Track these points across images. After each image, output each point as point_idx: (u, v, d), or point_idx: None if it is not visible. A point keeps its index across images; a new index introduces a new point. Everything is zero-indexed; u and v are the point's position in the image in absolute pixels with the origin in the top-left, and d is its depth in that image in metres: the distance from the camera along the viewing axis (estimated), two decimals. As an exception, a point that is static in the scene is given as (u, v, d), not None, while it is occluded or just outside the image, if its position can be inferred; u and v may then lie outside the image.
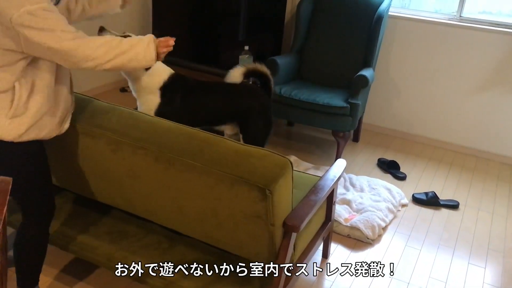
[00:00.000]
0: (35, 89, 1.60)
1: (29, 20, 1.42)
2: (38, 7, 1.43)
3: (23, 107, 1.58)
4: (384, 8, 3.57)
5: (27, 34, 1.44)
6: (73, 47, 1.49)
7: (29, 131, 1.62)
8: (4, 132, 1.58)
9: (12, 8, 1.41)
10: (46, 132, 1.68)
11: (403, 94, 4.08)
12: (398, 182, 3.41)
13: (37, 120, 1.63)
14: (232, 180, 1.61)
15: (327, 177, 2.15)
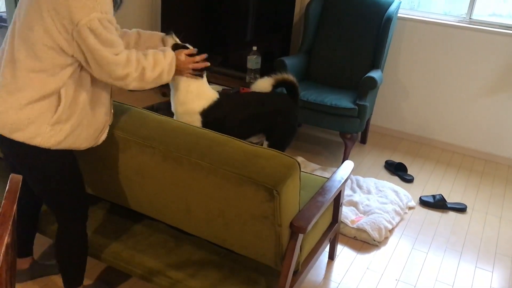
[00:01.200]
0: (79, 98, 1.60)
1: (95, 26, 1.45)
2: (105, 17, 1.48)
3: (66, 114, 1.58)
4: (393, 9, 3.56)
5: (88, 40, 1.46)
6: (118, 61, 1.55)
7: (68, 139, 1.62)
8: (44, 139, 1.57)
9: (83, 12, 1.43)
10: (82, 141, 1.67)
11: (411, 96, 4.06)
12: (406, 184, 3.40)
13: (75, 128, 1.62)
14: (240, 180, 1.61)
15: (334, 178, 2.14)
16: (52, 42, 1.49)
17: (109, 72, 1.55)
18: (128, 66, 1.59)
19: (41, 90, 1.53)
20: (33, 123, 1.55)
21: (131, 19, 4.59)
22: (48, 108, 1.56)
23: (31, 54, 1.51)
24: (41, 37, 1.49)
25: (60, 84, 1.55)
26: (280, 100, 2.51)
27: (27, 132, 1.55)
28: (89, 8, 1.44)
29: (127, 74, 1.59)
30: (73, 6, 1.43)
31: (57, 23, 1.46)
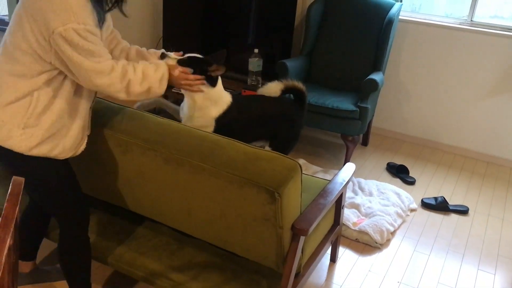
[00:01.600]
0: (55, 107, 1.59)
1: (71, 36, 1.44)
2: (83, 27, 1.46)
3: (36, 119, 1.57)
4: (395, 12, 3.56)
5: (63, 48, 1.46)
6: (99, 69, 1.53)
7: (40, 146, 1.59)
8: (15, 143, 1.56)
9: (58, 21, 1.43)
10: (59, 151, 1.65)
11: (413, 98, 4.06)
12: (407, 186, 3.40)
13: (48, 136, 1.60)
14: (241, 182, 1.61)
15: (336, 180, 2.14)
16: (28, 48, 1.49)
17: (89, 79, 1.54)
18: (111, 76, 1.57)
19: (15, 93, 1.54)
20: (5, 125, 1.55)
21: (132, 23, 4.60)
22: (19, 110, 1.55)
23: (10, 57, 1.53)
24: (19, 42, 1.50)
25: (34, 88, 1.54)
26: (287, 105, 2.51)
27: (1, 134, 1.56)
28: (64, 19, 1.43)
29: (110, 84, 1.58)
30: (48, 15, 1.43)
31: (35, 30, 1.47)
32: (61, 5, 1.43)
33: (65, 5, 1.43)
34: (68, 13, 1.43)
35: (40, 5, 1.44)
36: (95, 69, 1.52)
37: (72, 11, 1.44)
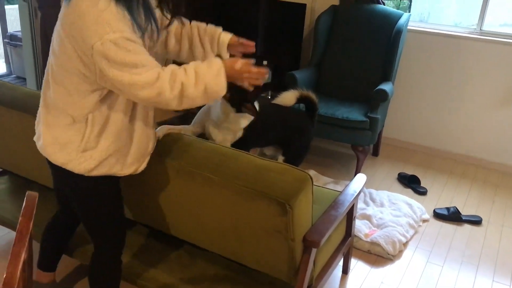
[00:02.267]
0: (112, 126, 1.56)
1: (109, 49, 1.36)
2: (120, 35, 1.37)
3: (94, 141, 1.55)
4: (403, 22, 3.57)
5: (102, 66, 1.39)
6: (140, 82, 1.41)
7: (100, 166, 1.58)
8: (74, 166, 1.56)
9: (95, 36, 1.36)
10: (118, 168, 1.63)
11: (423, 108, 4.05)
12: (419, 197, 3.37)
13: (107, 156, 1.58)
14: (252, 195, 1.61)
15: (347, 192, 2.14)
16: (74, 68, 1.45)
17: (134, 94, 1.43)
18: (158, 86, 1.42)
19: (69, 116, 1.52)
20: (65, 148, 1.55)
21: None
22: (76, 134, 1.54)
23: (58, 80, 1.51)
24: (64, 63, 1.47)
25: (87, 111, 1.51)
26: (299, 116, 2.54)
27: (61, 157, 1.56)
28: (100, 32, 1.36)
29: (159, 93, 1.43)
30: (85, 32, 1.38)
31: (77, 49, 1.42)
32: (95, 18, 1.36)
33: (99, 18, 1.36)
34: (103, 25, 1.36)
35: (76, 23, 1.39)
36: (136, 83, 1.40)
37: (106, 22, 1.36)
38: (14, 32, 5.81)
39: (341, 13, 3.87)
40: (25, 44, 3.80)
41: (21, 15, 3.71)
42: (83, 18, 1.37)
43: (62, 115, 1.54)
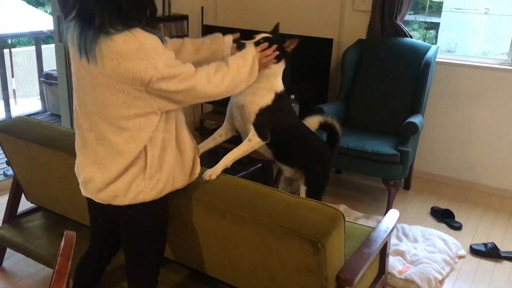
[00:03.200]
0: (166, 147, 1.62)
1: (166, 72, 1.48)
2: (165, 57, 1.49)
3: (157, 166, 1.61)
4: (431, 55, 3.55)
5: (165, 87, 1.50)
6: (199, 82, 1.58)
7: (167, 184, 1.65)
8: (146, 195, 1.61)
9: (150, 70, 1.45)
10: (177, 182, 1.70)
11: (454, 140, 3.97)
12: (454, 232, 3.26)
13: (170, 173, 1.65)
14: (283, 233, 1.60)
15: (379, 228, 2.09)
16: (133, 111, 1.52)
17: (197, 95, 1.60)
18: (214, 79, 1.62)
19: (131, 156, 1.57)
20: (132, 185, 1.59)
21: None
22: (139, 167, 1.59)
23: (116, 129, 1.55)
24: (121, 111, 1.52)
25: (146, 142, 1.57)
26: (321, 141, 2.50)
27: (130, 194, 1.60)
28: (152, 65, 1.45)
29: (217, 85, 1.64)
30: (138, 72, 1.45)
31: (131, 91, 1.49)
32: (140, 53, 1.44)
33: (144, 52, 1.44)
34: (151, 56, 1.45)
35: (124, 66, 1.44)
36: (195, 84, 1.57)
37: (152, 51, 1.45)
38: (49, 71, 6.06)
39: (368, 47, 3.88)
40: (60, 83, 3.94)
41: (57, 56, 3.86)
42: (129, 57, 1.43)
43: (123, 158, 1.57)
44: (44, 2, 8.71)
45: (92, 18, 1.45)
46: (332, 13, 4.17)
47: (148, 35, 1.47)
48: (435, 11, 5.85)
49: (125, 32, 1.44)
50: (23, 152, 2.30)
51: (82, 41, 1.47)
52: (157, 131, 1.59)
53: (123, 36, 1.44)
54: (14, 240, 2.43)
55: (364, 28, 4.02)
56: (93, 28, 1.45)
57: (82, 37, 1.47)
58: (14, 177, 2.53)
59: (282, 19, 4.37)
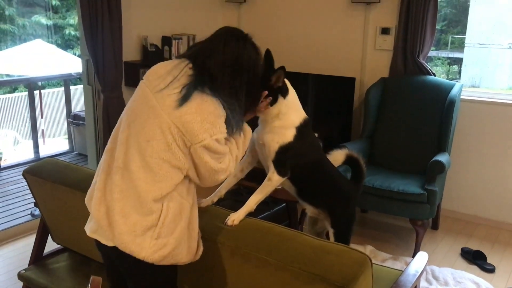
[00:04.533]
0: (183, 212, 1.61)
1: (213, 145, 1.55)
2: (222, 136, 1.58)
3: (168, 227, 1.56)
4: (456, 92, 3.52)
5: (202, 155, 1.56)
6: (224, 168, 1.64)
7: (172, 254, 1.59)
8: (148, 254, 1.54)
9: (207, 134, 1.53)
10: (183, 256, 1.65)
11: (483, 178, 3.87)
12: (487, 274, 3.14)
13: (179, 243, 1.60)
14: (309, 278, 1.56)
15: (408, 272, 2.03)
16: (169, 157, 1.54)
17: (215, 178, 1.64)
18: (230, 168, 1.67)
19: (147, 203, 1.54)
20: (138, 236, 1.54)
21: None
22: (152, 221, 1.54)
23: (145, 165, 1.54)
24: (159, 151, 1.53)
25: (164, 195, 1.55)
26: (346, 182, 2.41)
27: (134, 245, 1.54)
28: (211, 131, 1.53)
29: (230, 174, 1.71)
30: (197, 129, 1.52)
31: (178, 140, 1.53)
32: (210, 119, 1.53)
33: (213, 119, 1.53)
34: (216, 126, 1.54)
35: (188, 119, 1.51)
36: (221, 169, 1.63)
37: (219, 124, 1.55)
38: (77, 112, 6.22)
39: (391, 85, 3.88)
40: (87, 124, 4.03)
41: (85, 97, 3.96)
42: (200, 115, 1.52)
43: (142, 203, 1.54)
44: (74, 45, 9.06)
45: (209, 76, 1.56)
46: (354, 52, 4.21)
47: (222, 113, 1.57)
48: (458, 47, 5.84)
49: (213, 98, 1.55)
50: (51, 194, 2.34)
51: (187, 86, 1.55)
52: (178, 193, 1.59)
53: (210, 98, 1.55)
54: (40, 282, 2.44)
55: (386, 66, 4.04)
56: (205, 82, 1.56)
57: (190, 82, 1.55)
58: (41, 218, 2.56)
59: (304, 59, 4.44)
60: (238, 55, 1.59)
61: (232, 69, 1.57)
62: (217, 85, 1.56)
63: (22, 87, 7.33)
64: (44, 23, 8.54)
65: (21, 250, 3.33)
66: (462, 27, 5.29)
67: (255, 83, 1.67)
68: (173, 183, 1.56)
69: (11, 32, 8.23)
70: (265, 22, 4.68)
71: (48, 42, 7.57)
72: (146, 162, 1.54)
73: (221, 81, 1.56)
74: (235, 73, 1.58)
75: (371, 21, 4.08)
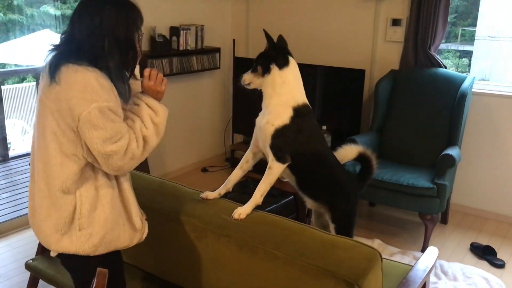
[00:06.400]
0: (99, 197, 1.55)
1: (95, 117, 1.42)
2: (106, 105, 1.44)
3: (88, 217, 1.53)
4: (467, 85, 3.47)
5: (88, 134, 1.43)
6: (116, 150, 1.48)
7: (104, 242, 1.56)
8: (78, 247, 1.53)
9: (83, 105, 1.41)
10: (124, 240, 1.62)
11: (493, 172, 3.82)
12: (496, 270, 3.11)
13: (110, 230, 1.56)
14: (318, 273, 1.54)
15: (417, 267, 2.00)
16: (59, 145, 1.48)
17: (110, 163, 1.49)
18: (130, 151, 1.51)
19: (58, 198, 1.51)
20: (65, 233, 1.53)
21: (205, 105, 4.81)
22: (70, 214, 1.52)
23: (44, 159, 1.52)
24: (50, 142, 1.49)
25: (72, 187, 1.51)
26: (348, 178, 2.35)
27: (63, 242, 1.53)
28: (88, 100, 1.41)
29: (133, 158, 1.52)
30: (72, 102, 1.42)
31: (62, 124, 1.46)
32: (83, 87, 1.42)
33: (86, 86, 1.42)
34: (91, 94, 1.42)
35: (62, 95, 1.43)
36: (113, 151, 1.47)
37: (94, 91, 1.42)
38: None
39: (401, 78, 3.83)
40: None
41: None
42: (71, 87, 1.42)
43: (53, 200, 1.52)
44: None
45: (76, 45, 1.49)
46: (364, 44, 4.16)
47: (102, 80, 1.46)
48: (468, 40, 5.75)
49: (82, 67, 1.45)
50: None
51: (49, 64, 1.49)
52: (88, 180, 1.53)
53: (79, 68, 1.45)
54: (47, 272, 2.44)
55: (396, 58, 3.99)
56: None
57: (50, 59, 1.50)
58: (48, 209, 2.56)
59: (313, 50, 4.39)
60: (100, 19, 1.49)
61: (96, 34, 1.48)
62: (83, 54, 1.46)
63: (31, 77, 7.33)
64: (52, 13, 8.53)
65: (29, 240, 3.34)
66: (472, 20, 5.21)
67: (120, 44, 1.53)
68: (72, 171, 1.49)
69: (20, 22, 8.22)
70: (274, 12, 4.63)
71: (56, 32, 7.54)
72: (43, 156, 1.52)
73: (87, 49, 1.47)
74: (98, 38, 1.48)
75: (382, 12, 4.03)
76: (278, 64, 1.95)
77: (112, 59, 1.49)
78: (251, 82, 2.02)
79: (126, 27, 1.53)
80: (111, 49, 1.49)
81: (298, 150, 1.99)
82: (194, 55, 4.33)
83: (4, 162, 5.26)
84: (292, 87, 1.98)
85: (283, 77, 1.96)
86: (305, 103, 2.00)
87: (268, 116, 1.95)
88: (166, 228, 1.92)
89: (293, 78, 1.99)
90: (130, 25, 1.54)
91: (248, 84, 2.04)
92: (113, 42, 1.50)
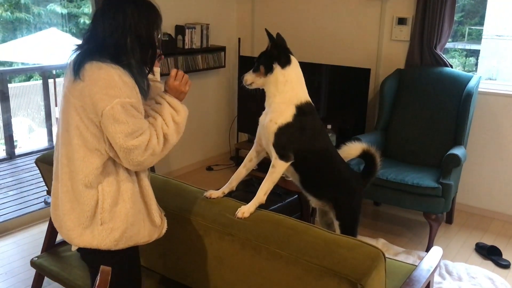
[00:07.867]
0: (120, 192, 1.59)
1: (119, 112, 1.46)
2: (128, 101, 1.49)
3: (110, 211, 1.56)
4: (473, 85, 3.45)
5: (110, 128, 1.47)
6: (137, 145, 1.51)
7: (125, 237, 1.60)
8: (100, 242, 1.56)
9: (106, 100, 1.46)
10: (144, 236, 1.66)
11: (499, 172, 3.80)
12: (501, 270, 3.09)
13: (130, 225, 1.60)
14: (321, 272, 1.54)
15: (422, 267, 2.00)
16: (82, 140, 1.52)
17: (131, 158, 1.52)
18: (152, 144, 1.55)
19: (81, 192, 1.55)
20: (87, 227, 1.56)
21: (210, 104, 4.81)
22: (92, 208, 1.55)
23: (69, 155, 1.55)
24: (74, 136, 1.53)
25: (95, 182, 1.54)
26: (352, 175, 2.34)
27: (85, 237, 1.57)
28: (111, 96, 1.46)
29: (153, 154, 1.56)
30: (96, 98, 1.46)
31: (85, 119, 1.50)
32: (106, 83, 1.46)
33: (110, 83, 1.46)
34: (114, 90, 1.46)
35: (86, 91, 1.48)
36: (134, 146, 1.50)
37: (117, 87, 1.47)
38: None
39: (407, 77, 3.82)
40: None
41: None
42: (95, 83, 1.47)
43: (76, 194, 1.56)
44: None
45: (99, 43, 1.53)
46: (370, 43, 4.15)
47: (125, 77, 1.50)
48: (475, 38, 5.72)
49: (106, 64, 1.49)
50: (63, 183, 2.34)
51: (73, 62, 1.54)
52: (110, 175, 1.56)
53: (103, 65, 1.49)
54: (52, 269, 2.46)
55: (402, 58, 3.97)
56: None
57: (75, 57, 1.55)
58: (54, 206, 2.58)
59: (319, 49, 4.39)
60: (123, 19, 1.55)
61: (119, 32, 1.53)
62: (106, 51, 1.52)
63: (37, 75, 7.37)
64: (59, 12, 8.57)
65: (34, 237, 3.37)
66: (479, 18, 5.17)
67: (142, 41, 1.58)
68: (95, 165, 1.53)
69: (26, 21, 8.27)
70: (279, 11, 4.63)
71: (62, 30, 7.59)
72: (67, 151, 1.56)
73: (110, 46, 1.52)
74: (121, 35, 1.53)
75: (388, 10, 4.01)
76: (280, 63, 1.95)
77: (134, 56, 1.55)
78: (253, 82, 2.02)
79: (147, 25, 1.58)
80: (133, 46, 1.55)
81: (301, 148, 1.98)
82: (200, 54, 4.33)
83: (11, 159, 5.30)
84: (295, 85, 1.98)
85: (285, 75, 1.96)
86: (308, 101, 2.01)
87: (271, 115, 1.95)
88: (170, 226, 1.92)
89: (295, 76, 1.99)
90: (151, 24, 1.61)
91: (250, 84, 2.03)
92: (135, 40, 1.55)
